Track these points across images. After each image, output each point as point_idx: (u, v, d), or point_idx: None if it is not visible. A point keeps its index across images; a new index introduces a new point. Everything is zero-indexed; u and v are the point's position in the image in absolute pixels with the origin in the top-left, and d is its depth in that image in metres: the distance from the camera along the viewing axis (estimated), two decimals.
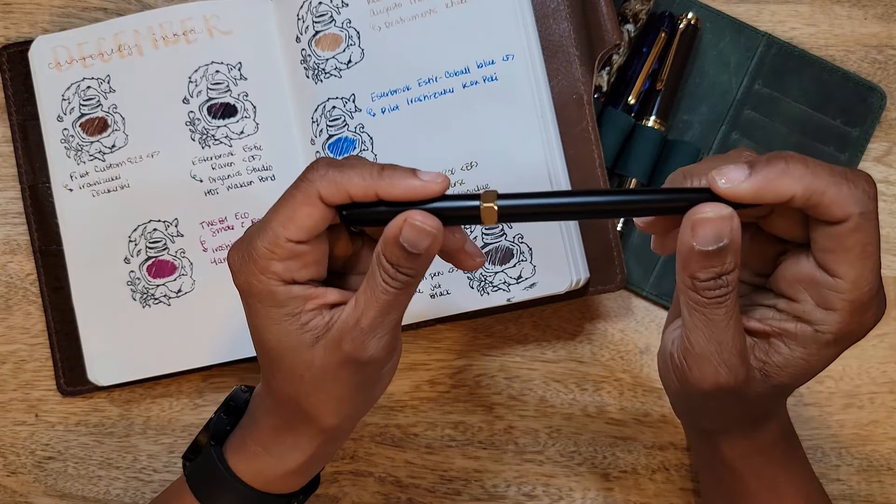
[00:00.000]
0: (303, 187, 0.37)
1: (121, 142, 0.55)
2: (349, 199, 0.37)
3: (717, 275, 0.35)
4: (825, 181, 0.34)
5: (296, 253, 0.37)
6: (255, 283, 0.38)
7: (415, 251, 0.36)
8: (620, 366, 0.57)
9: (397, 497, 0.57)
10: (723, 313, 0.36)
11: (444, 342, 0.58)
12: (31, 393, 0.58)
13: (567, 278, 0.52)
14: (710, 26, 0.57)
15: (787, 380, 0.37)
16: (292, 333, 0.39)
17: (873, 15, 0.58)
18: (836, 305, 0.36)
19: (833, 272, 0.35)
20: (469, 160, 0.53)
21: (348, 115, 0.54)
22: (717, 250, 0.34)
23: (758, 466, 0.44)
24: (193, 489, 0.45)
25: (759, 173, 0.34)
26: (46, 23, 0.59)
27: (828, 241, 0.35)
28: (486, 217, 0.36)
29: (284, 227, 0.37)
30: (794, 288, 0.37)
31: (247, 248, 0.38)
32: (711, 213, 0.34)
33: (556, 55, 0.53)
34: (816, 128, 0.56)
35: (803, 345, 0.37)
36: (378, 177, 0.36)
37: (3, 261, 0.59)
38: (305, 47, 0.54)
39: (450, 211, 0.37)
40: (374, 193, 0.36)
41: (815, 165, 0.34)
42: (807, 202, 0.34)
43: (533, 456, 0.57)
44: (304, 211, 0.37)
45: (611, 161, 0.56)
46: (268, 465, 0.44)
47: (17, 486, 0.58)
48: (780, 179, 0.34)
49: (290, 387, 0.41)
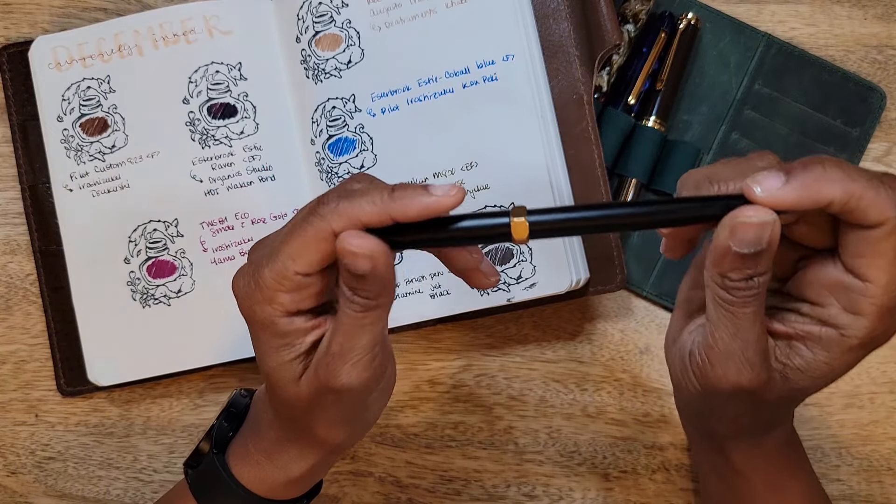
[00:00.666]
0: (315, 223, 0.36)
1: (121, 142, 0.55)
2: (364, 227, 0.36)
3: (750, 276, 0.34)
4: (862, 185, 0.33)
5: (303, 285, 0.37)
6: (259, 311, 0.37)
7: (358, 272, 0.35)
8: (620, 366, 0.57)
9: (397, 497, 0.57)
10: (750, 312, 0.35)
11: (444, 342, 0.58)
12: (31, 393, 0.58)
13: (567, 278, 0.52)
14: (710, 26, 0.57)
15: (808, 383, 0.37)
16: (288, 364, 0.38)
17: (873, 15, 0.58)
18: (864, 310, 0.35)
19: (863, 276, 0.35)
20: (469, 160, 0.53)
21: (348, 116, 0.54)
22: (753, 253, 0.34)
23: (763, 470, 0.44)
24: (197, 496, 0.45)
25: (797, 179, 0.33)
26: (46, 23, 0.59)
27: (861, 246, 0.34)
28: (517, 234, 0.35)
29: (294, 261, 0.36)
30: (819, 292, 0.36)
31: (253, 276, 0.37)
32: (755, 219, 0.33)
33: (556, 55, 0.53)
34: (816, 128, 0.56)
35: (827, 348, 0.36)
36: (390, 200, 0.35)
37: (3, 261, 0.59)
38: (305, 47, 0.54)
39: (478, 230, 0.35)
40: (388, 218, 0.35)
41: (851, 169, 0.33)
42: (844, 207, 0.33)
43: (533, 456, 0.57)
44: (315, 246, 0.36)
45: (611, 161, 0.56)
46: (271, 473, 0.44)
47: (17, 486, 0.58)
48: (818, 185, 0.33)
49: (285, 408, 0.41)
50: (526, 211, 0.35)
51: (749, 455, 0.43)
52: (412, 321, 0.54)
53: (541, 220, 0.35)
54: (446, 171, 0.53)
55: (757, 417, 0.40)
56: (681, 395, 0.42)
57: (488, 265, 0.39)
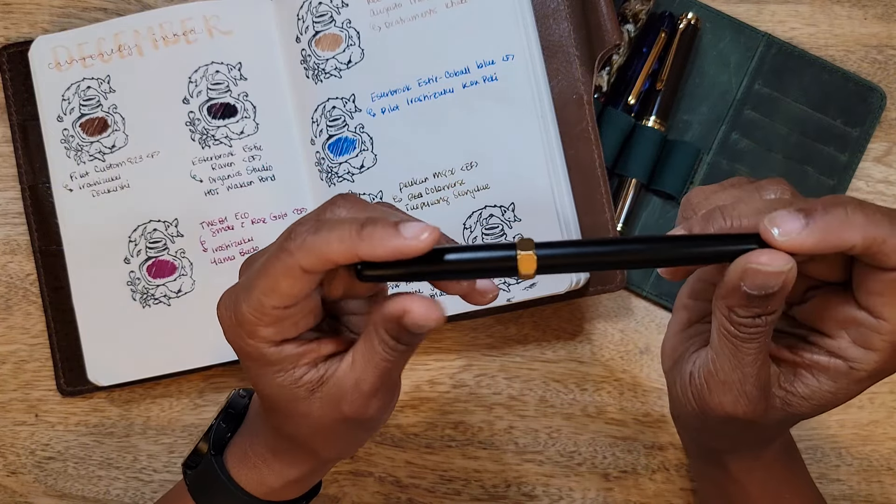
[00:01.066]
0: (283, 258, 0.34)
1: (121, 142, 0.55)
2: (333, 265, 0.34)
3: (758, 315, 0.34)
4: (885, 230, 0.32)
5: (283, 316, 0.35)
6: (243, 345, 0.36)
7: (416, 332, 0.35)
8: (620, 366, 0.57)
9: (397, 497, 0.57)
10: (754, 349, 0.35)
11: (444, 342, 0.58)
12: (31, 393, 0.58)
13: (567, 278, 0.52)
14: (710, 26, 0.57)
15: (808, 409, 0.37)
16: (286, 388, 0.37)
17: (873, 15, 0.58)
18: (876, 346, 0.35)
19: (878, 314, 0.34)
20: (469, 160, 0.53)
21: (348, 116, 0.54)
22: (764, 296, 0.33)
23: (762, 481, 0.44)
24: (195, 497, 0.45)
25: (818, 223, 0.32)
26: (46, 23, 0.59)
27: (878, 286, 0.34)
28: (524, 268, 0.33)
29: (267, 297, 0.35)
30: (830, 324, 0.36)
31: (234, 310, 0.36)
32: (771, 268, 0.32)
33: (556, 55, 0.53)
34: (816, 128, 0.56)
35: (834, 379, 0.36)
36: (358, 238, 0.33)
37: (3, 261, 0.59)
38: (305, 47, 0.54)
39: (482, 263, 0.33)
40: (356, 257, 0.33)
41: (872, 211, 0.32)
42: (865, 251, 0.32)
43: (533, 456, 0.57)
44: (285, 283, 0.34)
45: (611, 161, 0.56)
46: (268, 476, 0.44)
47: (17, 486, 0.58)
48: (840, 230, 0.32)
49: (288, 428, 0.40)
50: (535, 244, 0.33)
51: (747, 467, 0.43)
52: None
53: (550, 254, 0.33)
54: (446, 171, 0.53)
55: (755, 437, 0.40)
56: (678, 409, 0.41)
57: (485, 283, 0.38)
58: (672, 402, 0.42)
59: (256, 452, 0.44)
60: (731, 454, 0.43)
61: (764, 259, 0.32)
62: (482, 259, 0.33)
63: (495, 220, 0.53)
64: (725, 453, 0.43)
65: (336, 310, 0.40)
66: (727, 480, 0.44)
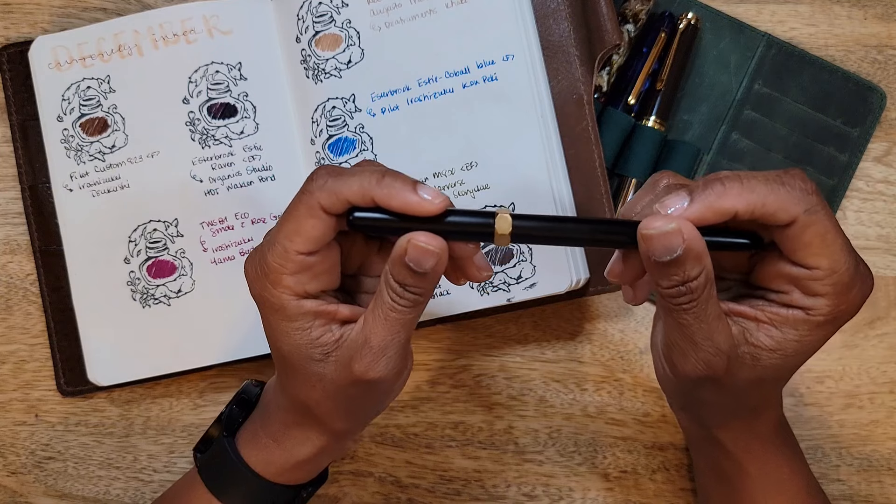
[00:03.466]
0: (304, 199, 0.37)
1: (121, 142, 0.55)
2: (349, 205, 0.37)
3: (680, 282, 0.36)
4: (762, 193, 0.36)
5: (306, 265, 0.38)
6: (267, 296, 0.38)
7: (420, 270, 0.37)
8: (620, 366, 0.57)
9: (397, 497, 0.57)
10: (692, 318, 0.37)
11: (444, 342, 0.58)
12: (31, 393, 0.58)
13: (567, 278, 0.52)
14: (710, 26, 0.57)
15: (779, 361, 0.38)
16: (303, 347, 0.39)
17: (873, 15, 0.58)
18: (820, 291, 0.37)
19: (806, 265, 0.37)
20: (469, 160, 0.53)
21: (348, 116, 0.54)
22: (672, 261, 0.36)
23: (759, 456, 0.45)
24: (206, 480, 0.45)
25: (698, 198, 0.36)
26: (46, 23, 0.59)
27: (788, 242, 0.37)
28: (499, 237, 0.37)
29: (291, 241, 0.37)
30: (777, 282, 0.38)
31: (259, 262, 0.38)
32: (653, 231, 0.36)
33: (556, 55, 0.53)
34: (816, 128, 0.56)
35: (795, 327, 0.38)
36: (376, 185, 0.37)
37: (3, 261, 0.59)
38: (305, 47, 0.54)
39: (463, 226, 0.37)
40: (370, 201, 0.37)
41: (749, 179, 0.36)
42: (752, 216, 0.36)
43: (533, 456, 0.57)
44: (308, 223, 0.37)
45: (611, 161, 0.56)
46: (278, 456, 0.44)
47: (17, 486, 0.58)
48: (719, 201, 0.36)
49: (302, 392, 0.41)
50: (511, 215, 0.37)
51: (742, 441, 0.44)
52: None
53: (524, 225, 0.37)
54: (446, 171, 0.53)
55: (736, 401, 0.41)
56: (665, 389, 0.44)
57: (482, 259, 0.40)
58: (660, 384, 0.43)
59: (267, 432, 0.44)
60: (723, 428, 0.44)
61: (652, 223, 0.36)
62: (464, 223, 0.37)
63: None
64: (717, 427, 0.44)
65: (354, 287, 0.42)
66: (725, 460, 0.45)
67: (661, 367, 0.41)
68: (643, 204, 0.40)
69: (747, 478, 0.45)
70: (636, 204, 0.40)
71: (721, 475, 0.46)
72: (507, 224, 0.37)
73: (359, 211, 0.37)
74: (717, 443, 0.45)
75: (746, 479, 0.45)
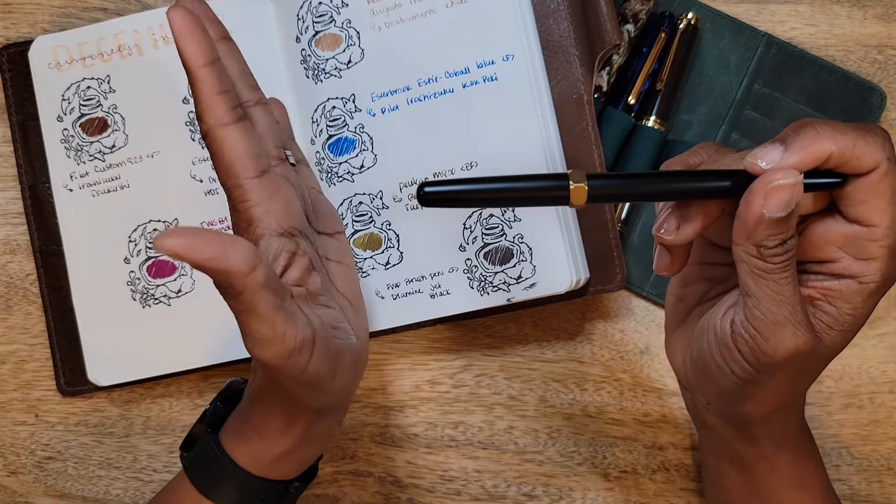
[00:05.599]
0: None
1: (121, 142, 0.55)
2: None
3: (784, 240, 0.36)
4: (853, 136, 0.35)
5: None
6: None
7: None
8: (620, 366, 0.57)
9: (397, 497, 0.57)
10: (789, 276, 0.36)
11: (444, 342, 0.58)
12: (31, 393, 0.58)
13: (567, 278, 0.52)
14: (710, 26, 0.57)
15: (839, 338, 0.38)
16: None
17: (873, 15, 0.58)
18: (875, 254, 0.37)
19: (867, 221, 0.36)
20: (469, 160, 0.53)
21: (348, 116, 0.54)
22: (786, 217, 0.35)
23: (791, 457, 0.44)
24: (192, 478, 0.45)
25: (794, 144, 0.35)
26: (46, 23, 0.59)
27: (861, 193, 0.36)
28: (576, 198, 0.36)
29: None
30: (826, 249, 0.38)
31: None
32: (789, 180, 0.35)
33: (556, 55, 0.53)
34: None
35: (848, 299, 0.37)
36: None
37: (3, 261, 0.59)
38: (305, 47, 0.54)
39: (537, 191, 0.36)
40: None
41: (838, 125, 0.35)
42: (840, 159, 0.35)
43: (533, 456, 0.57)
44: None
45: (611, 161, 0.56)
46: (261, 448, 0.44)
47: (17, 486, 0.58)
48: (815, 144, 0.35)
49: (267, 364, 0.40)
50: (586, 175, 0.36)
51: (779, 438, 0.43)
52: (412, 321, 0.54)
53: (600, 184, 0.36)
54: (446, 171, 0.53)
55: (798, 386, 0.41)
56: (710, 386, 0.42)
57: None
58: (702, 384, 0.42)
59: (250, 425, 0.44)
60: (764, 423, 0.42)
61: (779, 175, 0.35)
62: (538, 188, 0.36)
63: (495, 220, 0.53)
64: (759, 423, 0.42)
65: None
66: (756, 459, 0.44)
67: (727, 357, 0.39)
68: (692, 164, 0.39)
69: (775, 475, 0.45)
70: (681, 163, 0.39)
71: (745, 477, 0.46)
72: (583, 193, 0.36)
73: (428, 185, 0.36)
74: (750, 439, 0.44)
75: (774, 477, 0.45)
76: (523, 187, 0.36)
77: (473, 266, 0.53)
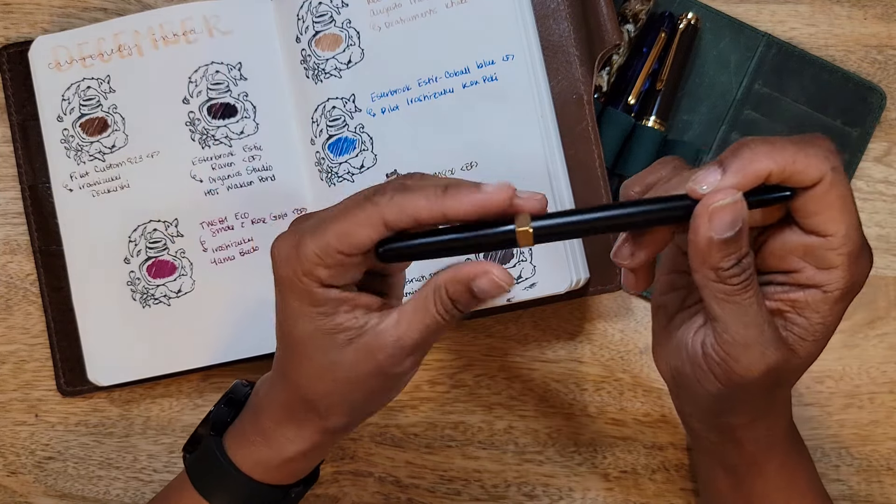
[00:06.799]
0: (368, 209, 0.37)
1: (121, 142, 0.55)
2: (415, 222, 0.37)
3: (738, 259, 0.36)
4: (792, 151, 0.35)
5: (343, 263, 0.38)
6: (295, 280, 0.38)
7: (481, 297, 0.38)
8: (620, 366, 0.57)
9: (397, 497, 0.57)
10: (752, 296, 0.36)
11: (444, 342, 0.58)
12: (31, 393, 0.58)
13: (567, 278, 0.52)
14: (710, 26, 0.57)
15: (812, 347, 0.38)
16: (324, 332, 0.39)
17: (873, 15, 0.58)
18: (835, 262, 0.37)
19: (824, 232, 0.36)
20: (469, 160, 0.53)
21: (348, 116, 0.54)
22: (734, 236, 0.35)
23: (778, 455, 0.44)
24: (193, 480, 0.45)
25: (733, 166, 0.35)
26: (46, 23, 0.59)
27: (811, 205, 0.36)
28: (522, 240, 0.37)
29: (339, 241, 0.37)
30: (788, 260, 0.38)
31: (295, 245, 0.38)
32: (727, 200, 0.35)
33: (556, 55, 0.53)
34: (816, 128, 0.56)
35: (816, 309, 0.38)
36: (443, 196, 0.36)
37: (3, 261, 0.59)
38: (305, 47, 0.54)
39: (483, 238, 0.37)
40: (440, 214, 0.36)
41: (776, 141, 0.36)
42: (782, 174, 0.35)
43: (533, 456, 0.57)
44: (364, 232, 0.37)
45: (611, 161, 0.56)
46: (266, 454, 0.44)
47: (17, 486, 0.58)
48: (752, 164, 0.35)
49: (308, 383, 0.41)
50: (530, 217, 0.37)
51: (765, 442, 0.43)
52: None
53: (544, 224, 0.37)
54: (446, 171, 0.53)
55: (777, 396, 0.41)
56: (690, 399, 0.42)
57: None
58: (681, 394, 0.42)
59: (256, 429, 0.44)
60: (749, 429, 0.43)
61: (719, 197, 0.35)
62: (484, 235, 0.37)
63: None
64: (743, 429, 0.43)
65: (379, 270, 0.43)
66: (743, 463, 0.44)
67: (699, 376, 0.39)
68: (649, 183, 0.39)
69: (764, 478, 0.45)
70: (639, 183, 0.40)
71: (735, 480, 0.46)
72: (528, 236, 0.37)
73: (386, 243, 0.37)
74: (736, 446, 0.44)
75: (763, 480, 0.45)
76: (473, 236, 0.37)
77: None
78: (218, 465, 0.44)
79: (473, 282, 0.37)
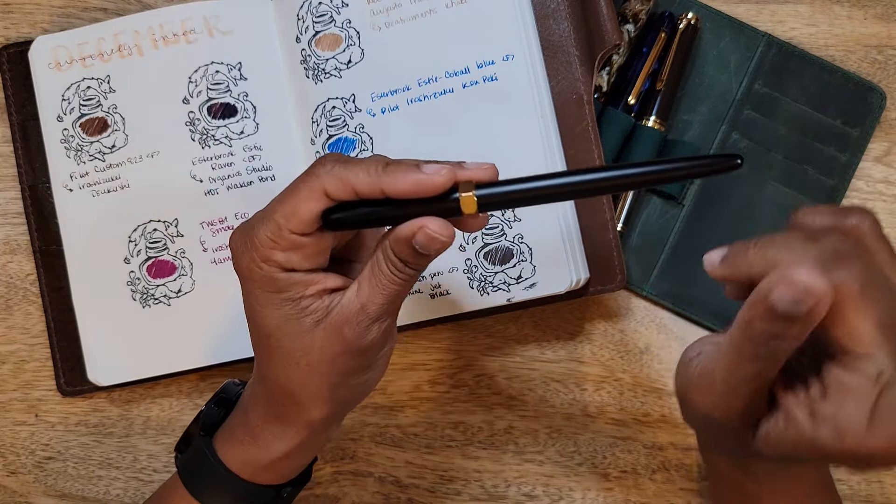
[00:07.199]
0: (308, 181, 0.37)
1: (121, 142, 0.55)
2: (354, 194, 0.37)
3: (773, 336, 0.32)
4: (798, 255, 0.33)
5: (298, 244, 0.38)
6: (255, 269, 0.38)
7: (426, 253, 0.37)
8: (620, 366, 0.57)
9: (397, 497, 0.57)
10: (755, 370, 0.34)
11: (444, 342, 0.58)
12: (31, 393, 0.58)
13: (567, 278, 0.52)
14: (710, 26, 0.57)
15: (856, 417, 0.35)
16: (291, 317, 0.39)
17: (873, 15, 0.58)
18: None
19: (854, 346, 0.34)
20: (469, 160, 0.52)
21: (348, 116, 0.54)
22: (784, 314, 0.31)
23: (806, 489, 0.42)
24: (184, 480, 0.45)
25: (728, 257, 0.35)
26: (46, 23, 0.59)
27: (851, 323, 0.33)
28: (466, 207, 0.37)
29: (287, 220, 0.37)
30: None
31: (249, 234, 0.38)
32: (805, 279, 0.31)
33: (556, 55, 0.53)
34: (816, 128, 0.56)
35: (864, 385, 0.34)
36: (383, 172, 0.37)
37: (3, 261, 0.59)
38: (305, 47, 0.54)
39: (426, 207, 0.37)
40: (379, 189, 0.37)
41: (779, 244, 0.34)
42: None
43: (533, 456, 0.57)
44: (307, 206, 0.37)
45: (611, 160, 0.56)
46: (254, 453, 0.44)
47: (17, 486, 0.58)
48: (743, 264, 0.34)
49: (283, 373, 0.41)
50: (475, 185, 0.37)
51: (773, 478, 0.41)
52: (412, 321, 0.54)
53: (488, 192, 0.37)
54: None
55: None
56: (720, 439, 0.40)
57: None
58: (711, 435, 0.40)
59: (245, 429, 0.44)
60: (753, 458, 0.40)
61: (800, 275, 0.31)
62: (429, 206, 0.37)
63: (494, 220, 0.53)
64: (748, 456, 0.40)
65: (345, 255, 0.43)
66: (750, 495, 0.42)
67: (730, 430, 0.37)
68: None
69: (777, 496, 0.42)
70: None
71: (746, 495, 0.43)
72: (472, 203, 0.37)
73: (334, 211, 0.38)
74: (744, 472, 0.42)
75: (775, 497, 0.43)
76: (415, 204, 0.37)
77: (473, 266, 0.53)
78: (208, 464, 0.44)
79: (413, 238, 0.37)
